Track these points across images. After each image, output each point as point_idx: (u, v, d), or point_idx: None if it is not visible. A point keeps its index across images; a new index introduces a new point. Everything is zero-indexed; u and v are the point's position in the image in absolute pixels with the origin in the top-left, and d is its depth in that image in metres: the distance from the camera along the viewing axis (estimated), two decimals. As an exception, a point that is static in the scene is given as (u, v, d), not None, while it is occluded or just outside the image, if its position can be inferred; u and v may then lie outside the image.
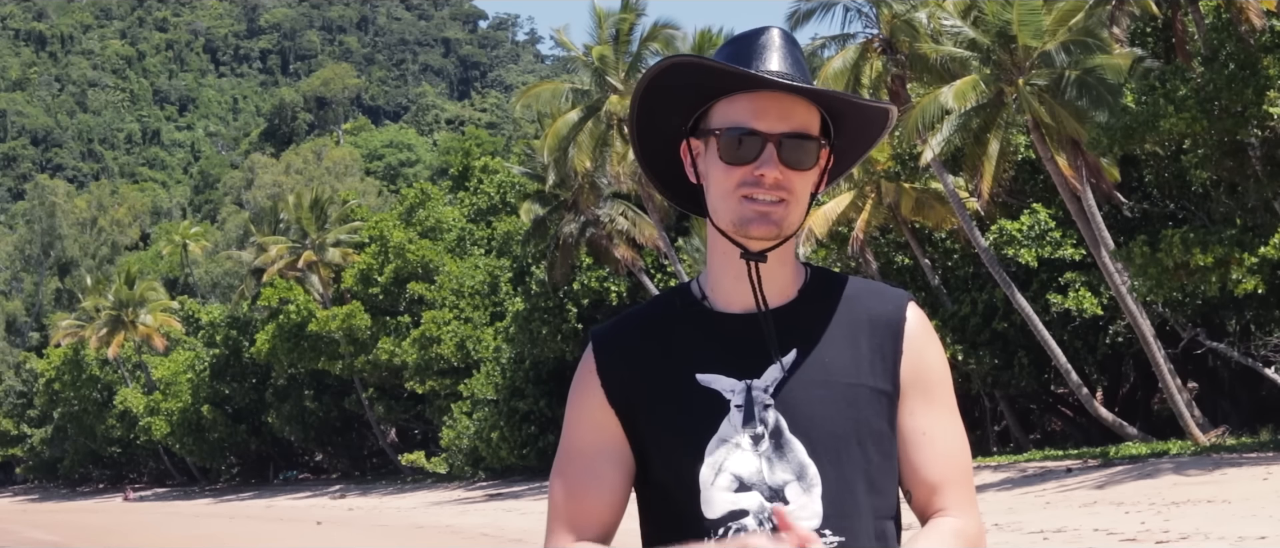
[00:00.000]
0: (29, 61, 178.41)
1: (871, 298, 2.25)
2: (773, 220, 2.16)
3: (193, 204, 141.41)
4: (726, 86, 2.20)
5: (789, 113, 2.17)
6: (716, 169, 2.20)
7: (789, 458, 2.16)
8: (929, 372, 2.23)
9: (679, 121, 2.26)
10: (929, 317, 2.38)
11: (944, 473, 2.21)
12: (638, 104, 2.26)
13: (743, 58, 2.19)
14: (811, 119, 2.19)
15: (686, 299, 2.28)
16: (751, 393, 2.17)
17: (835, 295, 2.25)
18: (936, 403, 2.23)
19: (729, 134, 2.17)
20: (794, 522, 2.01)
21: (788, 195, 2.17)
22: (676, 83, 2.22)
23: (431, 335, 53.92)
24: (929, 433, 2.22)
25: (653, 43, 39.92)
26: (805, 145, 2.17)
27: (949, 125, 28.32)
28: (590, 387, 2.26)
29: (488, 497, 46.17)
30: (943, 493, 2.21)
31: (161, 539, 38.09)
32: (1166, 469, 25.33)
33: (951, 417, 2.25)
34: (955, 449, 2.24)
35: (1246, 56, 25.61)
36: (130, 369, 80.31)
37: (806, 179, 2.19)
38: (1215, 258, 25.25)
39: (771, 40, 2.21)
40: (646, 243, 42.01)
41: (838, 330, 2.21)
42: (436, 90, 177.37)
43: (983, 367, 33.42)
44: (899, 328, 2.22)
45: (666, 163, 2.32)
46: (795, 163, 2.17)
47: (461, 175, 64.63)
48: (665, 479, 2.22)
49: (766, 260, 2.20)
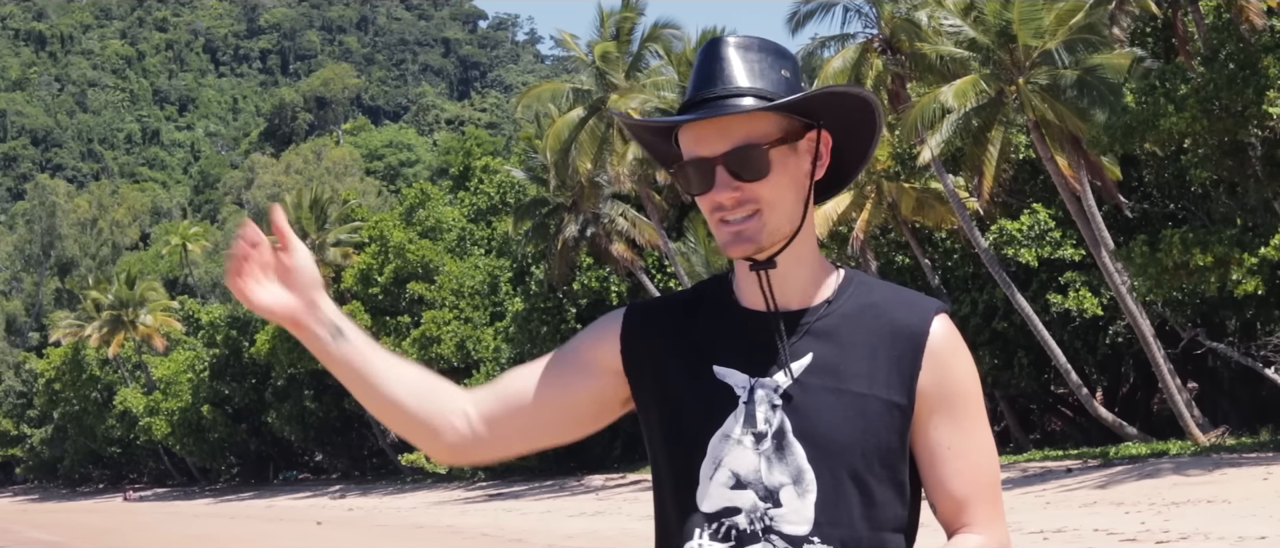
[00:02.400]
0: (29, 61, 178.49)
1: (899, 308, 2.22)
2: (747, 237, 2.17)
3: (193, 204, 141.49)
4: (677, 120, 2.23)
5: (727, 130, 2.17)
6: (696, 199, 2.24)
7: (788, 461, 2.15)
8: (954, 385, 2.20)
9: (669, 152, 2.30)
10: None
11: (969, 488, 2.20)
12: (641, 146, 2.39)
13: (696, 84, 2.21)
14: (756, 127, 2.17)
15: (718, 291, 2.29)
16: (761, 392, 2.17)
17: (863, 303, 2.23)
18: (962, 417, 2.21)
19: (683, 170, 2.21)
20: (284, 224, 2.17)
21: (756, 205, 2.16)
22: (639, 133, 2.32)
23: (431, 335, 53.94)
24: (954, 447, 2.20)
25: (653, 43, 39.94)
26: (750, 154, 2.15)
27: (949, 125, 28.31)
28: (608, 336, 2.29)
29: (488, 497, 46.18)
30: (968, 508, 2.20)
31: (161, 539, 38.07)
32: (1166, 469, 25.32)
33: (979, 430, 2.23)
34: (981, 464, 2.22)
35: (1247, 56, 25.60)
36: (130, 369, 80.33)
37: (773, 183, 2.17)
38: (1215, 258, 25.25)
39: (711, 57, 2.21)
40: (646, 243, 42.03)
41: (858, 338, 2.20)
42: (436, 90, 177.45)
43: (983, 367, 33.41)
44: (920, 341, 2.19)
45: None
46: (749, 175, 2.16)
47: (461, 175, 64.63)
48: (666, 463, 2.22)
49: (775, 266, 2.20)
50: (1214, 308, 29.97)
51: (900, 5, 31.18)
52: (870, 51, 31.54)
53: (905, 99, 30.99)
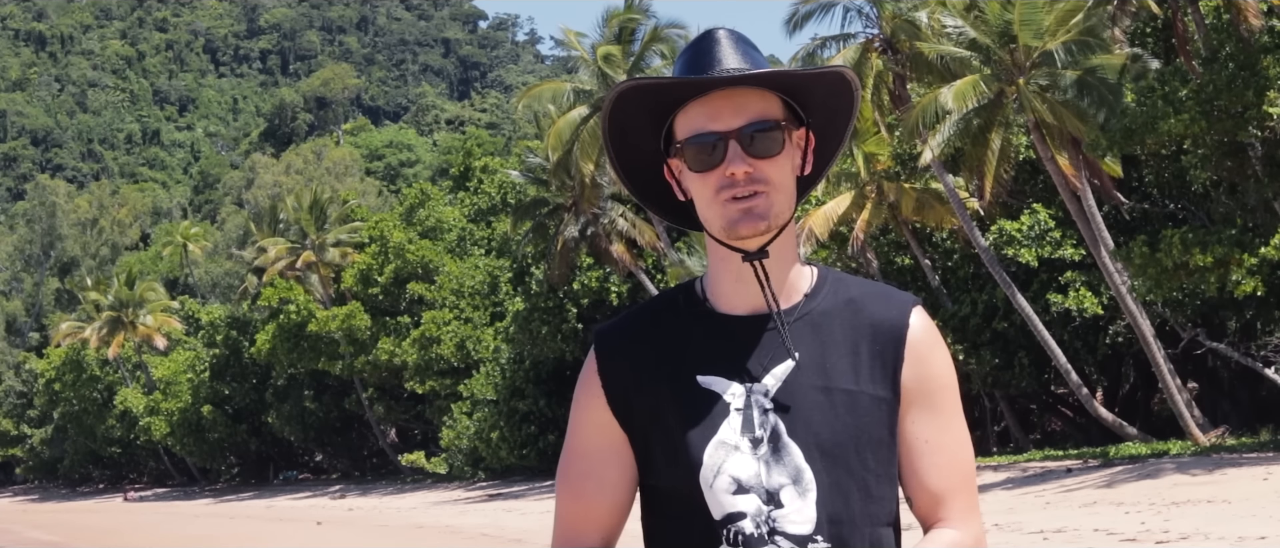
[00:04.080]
0: (29, 61, 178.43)
1: (876, 303, 2.24)
2: (757, 213, 2.16)
3: (193, 204, 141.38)
4: (681, 98, 2.21)
5: (742, 106, 2.18)
6: (694, 180, 2.21)
7: (786, 462, 2.16)
8: (933, 379, 2.22)
9: (652, 146, 2.27)
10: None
11: (946, 482, 2.21)
12: (606, 136, 2.28)
13: (692, 68, 2.21)
14: (769, 106, 2.19)
15: (690, 299, 2.28)
16: (751, 396, 2.18)
17: (840, 299, 2.24)
18: (940, 411, 2.23)
19: (692, 142, 2.19)
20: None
21: (764, 186, 2.17)
22: (634, 107, 2.24)
23: (431, 336, 53.93)
24: (932, 441, 2.21)
25: (656, 43, 39.92)
26: (767, 133, 2.17)
27: (949, 125, 28.31)
28: (592, 389, 2.27)
29: (488, 497, 46.17)
30: (945, 502, 2.21)
31: (161, 539, 38.08)
32: (1167, 469, 25.32)
33: (956, 425, 2.24)
34: (959, 458, 2.23)
35: (1247, 57, 25.60)
36: (130, 369, 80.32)
37: (780, 165, 2.19)
38: (1215, 258, 25.25)
39: (713, 41, 2.22)
40: (646, 244, 42.04)
41: (840, 335, 2.21)
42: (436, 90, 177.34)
43: (983, 367, 33.42)
44: (901, 334, 2.21)
45: (657, 189, 2.33)
46: (762, 151, 2.17)
47: (462, 175, 64.62)
48: (665, 480, 2.22)
49: (768, 256, 2.20)
50: (1214, 308, 29.97)
51: (901, 5, 31.17)
52: (870, 51, 31.53)
53: (905, 99, 30.99)
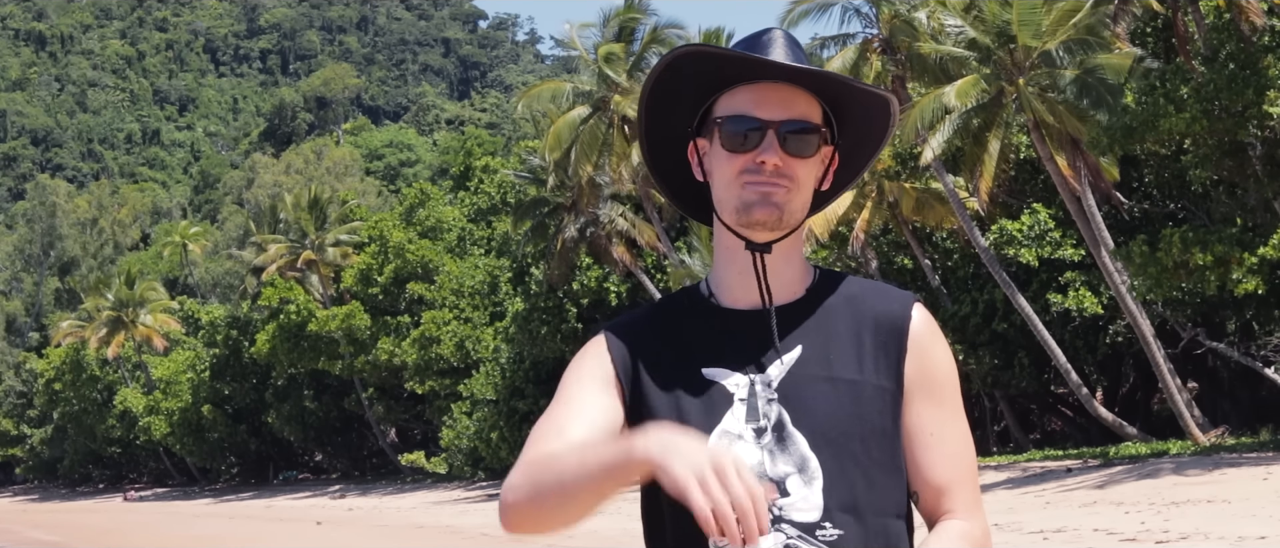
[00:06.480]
0: (29, 61, 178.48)
1: (877, 297, 2.27)
2: (774, 202, 2.19)
3: (193, 204, 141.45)
4: (729, 78, 2.23)
5: (790, 102, 2.21)
6: (720, 159, 2.23)
7: (791, 451, 2.17)
8: (935, 372, 2.25)
9: (685, 121, 2.30)
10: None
11: (951, 475, 2.23)
12: (646, 100, 2.29)
13: (745, 47, 2.24)
14: (812, 110, 2.23)
15: (694, 298, 2.32)
16: (754, 386, 2.20)
17: (841, 295, 2.28)
18: (942, 404, 2.25)
19: (731, 122, 2.21)
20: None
21: (789, 183, 2.20)
22: (682, 77, 2.26)
23: (431, 335, 53.93)
24: (936, 434, 2.24)
25: (656, 44, 39.93)
26: (806, 134, 2.21)
27: (949, 125, 28.31)
28: (598, 358, 2.28)
29: (488, 497, 46.17)
30: (949, 495, 2.23)
31: (161, 539, 38.09)
32: (1166, 469, 25.32)
33: (958, 418, 2.27)
34: (962, 451, 2.26)
35: (1247, 56, 25.61)
36: (130, 369, 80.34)
37: (808, 169, 2.22)
38: (1215, 258, 25.26)
39: (774, 38, 2.25)
40: (646, 244, 42.02)
41: (842, 328, 2.24)
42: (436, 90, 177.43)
43: (983, 367, 33.42)
44: (903, 327, 2.24)
45: (673, 166, 2.36)
46: (796, 150, 2.20)
47: (462, 175, 64.64)
48: None
49: (771, 251, 2.23)
50: (1214, 308, 29.97)
51: (900, 5, 31.16)
52: (870, 51, 31.53)
53: (905, 99, 30.98)
